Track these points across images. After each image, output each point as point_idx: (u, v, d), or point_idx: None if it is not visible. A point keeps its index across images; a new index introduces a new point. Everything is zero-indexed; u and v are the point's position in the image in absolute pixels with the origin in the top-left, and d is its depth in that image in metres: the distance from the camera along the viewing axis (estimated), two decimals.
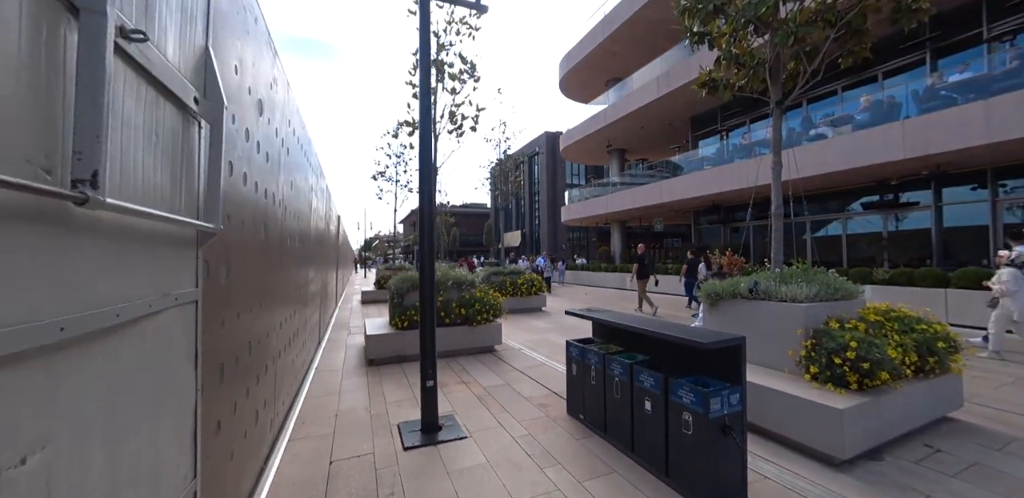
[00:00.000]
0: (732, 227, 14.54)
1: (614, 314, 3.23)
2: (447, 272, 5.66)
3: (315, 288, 5.41)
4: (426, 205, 3.04)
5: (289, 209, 3.38)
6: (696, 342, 2.10)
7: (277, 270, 2.82)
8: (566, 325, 7.77)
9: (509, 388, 4.03)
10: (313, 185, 4.88)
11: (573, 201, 23.57)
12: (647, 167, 19.14)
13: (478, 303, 5.47)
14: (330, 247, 8.42)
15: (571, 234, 34.32)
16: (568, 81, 22.27)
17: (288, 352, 3.42)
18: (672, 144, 17.80)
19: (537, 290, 10.01)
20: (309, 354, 4.88)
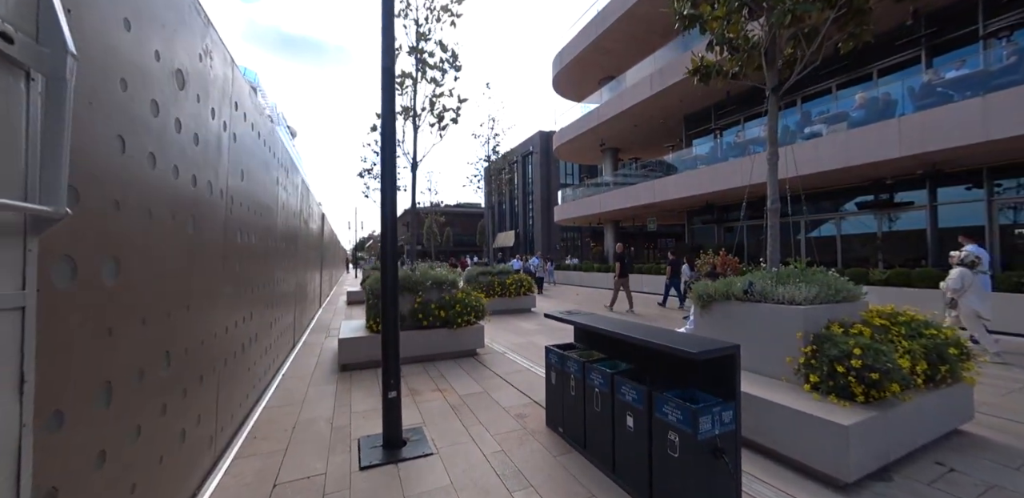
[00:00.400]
0: (726, 227, 14.37)
1: (595, 318, 2.96)
2: (426, 272, 5.36)
3: (286, 288, 5.09)
4: (388, 190, 2.75)
5: (243, 203, 3.07)
6: (683, 351, 1.83)
7: (218, 269, 2.52)
8: (554, 327, 7.50)
9: (487, 396, 3.74)
10: (280, 179, 4.56)
11: (566, 200, 23.34)
12: (640, 166, 18.96)
13: (459, 304, 5.17)
14: (310, 246, 8.09)
15: (565, 234, 34.11)
16: (561, 79, 22.03)
17: (242, 358, 3.11)
18: (666, 143, 17.62)
19: (526, 291, 9.73)
20: (277, 359, 4.57)
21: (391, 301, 2.75)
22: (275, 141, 4.23)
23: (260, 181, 3.59)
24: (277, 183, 4.40)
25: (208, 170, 2.30)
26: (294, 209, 5.57)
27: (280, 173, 4.55)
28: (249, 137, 3.18)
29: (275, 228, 4.29)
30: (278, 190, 4.44)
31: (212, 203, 2.38)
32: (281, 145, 4.58)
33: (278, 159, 4.45)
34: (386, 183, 2.75)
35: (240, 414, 3.09)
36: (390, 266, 2.75)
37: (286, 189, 4.92)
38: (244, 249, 3.11)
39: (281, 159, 4.59)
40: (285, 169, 4.90)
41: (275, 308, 4.39)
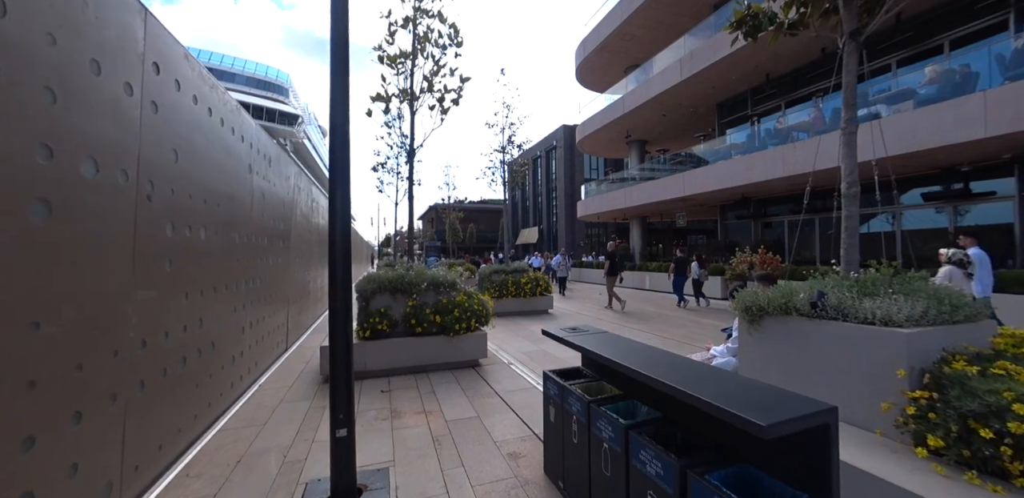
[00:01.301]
0: (764, 222, 13.14)
1: (607, 340, 2.26)
2: (422, 272, 4.78)
3: (271, 288, 4.63)
4: (339, 175, 2.14)
5: (179, 190, 2.55)
6: (740, 419, 1.12)
7: (125, 268, 1.99)
8: None
9: (479, 423, 3.11)
10: (258, 168, 4.08)
11: (590, 195, 22.39)
12: (668, 158, 17.80)
13: (458, 309, 4.56)
14: (314, 242, 7.70)
15: (590, 230, 33.05)
16: (585, 69, 21.04)
17: (183, 375, 2.60)
18: (697, 133, 16.40)
19: (543, 291, 9.05)
20: (255, 368, 4.11)
21: (341, 313, 2.15)
22: (244, 125, 3.72)
23: (217, 166, 3.08)
24: (251, 172, 3.91)
25: (88, 142, 1.76)
26: (283, 201, 5.11)
27: (257, 161, 4.06)
28: (189, 112, 2.66)
29: (248, 221, 3.81)
30: (253, 179, 3.95)
31: (101, 187, 1.84)
32: (256, 132, 4.09)
33: (253, 146, 3.96)
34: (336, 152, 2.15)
35: (181, 442, 2.60)
36: (340, 267, 2.15)
37: (268, 179, 4.45)
38: (184, 245, 2.60)
39: (260, 147, 4.10)
40: (267, 158, 4.42)
41: (250, 310, 3.92)
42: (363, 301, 4.50)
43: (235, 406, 3.50)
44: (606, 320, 8.16)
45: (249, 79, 50.84)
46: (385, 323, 4.33)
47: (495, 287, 8.69)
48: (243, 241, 3.73)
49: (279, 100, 50.81)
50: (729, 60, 11.14)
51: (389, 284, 4.51)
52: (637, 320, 8.07)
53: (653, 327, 7.27)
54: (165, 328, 2.41)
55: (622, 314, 8.96)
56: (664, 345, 5.76)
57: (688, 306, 10.03)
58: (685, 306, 9.94)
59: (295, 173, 5.87)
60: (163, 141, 2.35)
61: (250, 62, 52.73)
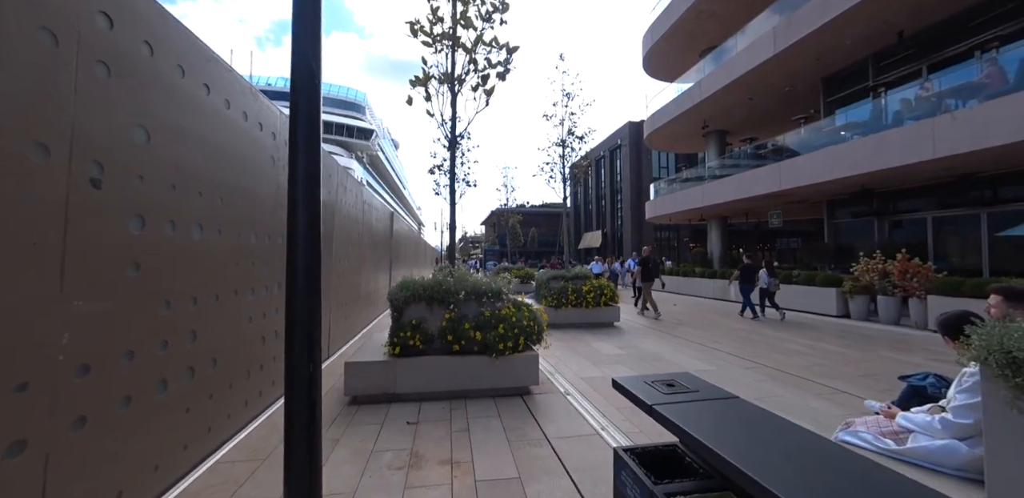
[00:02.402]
0: (892, 220, 10.64)
1: (737, 415, 1.30)
2: (462, 277, 4.07)
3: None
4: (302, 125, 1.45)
5: (168, 181, 2.09)
6: None
7: (33, 271, 1.49)
8: (644, 353, 5.66)
9: (519, 490, 2.27)
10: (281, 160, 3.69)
11: (660, 194, 20.53)
12: (755, 148, 15.54)
13: (503, 324, 3.78)
14: (364, 245, 7.47)
15: (659, 233, 30.65)
16: (654, 56, 19.40)
17: (162, 399, 2.13)
18: (795, 115, 14.05)
19: (608, 300, 7.95)
20: (281, 382, 3.69)
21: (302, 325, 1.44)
22: (264, 112, 3.32)
23: (223, 155, 2.64)
24: (275, 164, 3.50)
25: None
26: (323, 201, 4.75)
27: (285, 154, 3.66)
28: (171, 85, 2.20)
29: (271, 220, 3.39)
30: (278, 174, 3.54)
31: None
32: (283, 121, 3.70)
33: (277, 136, 3.56)
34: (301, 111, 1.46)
35: (154, 485, 2.10)
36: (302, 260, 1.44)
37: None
38: (164, 245, 2.13)
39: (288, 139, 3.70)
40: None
41: (275, 318, 3.50)
42: (395, 312, 3.90)
43: (250, 426, 3.04)
44: (682, 337, 6.85)
45: (333, 100, 56.00)
46: (418, 338, 3.68)
47: (553, 295, 7.79)
48: (264, 242, 3.31)
49: (356, 117, 55.17)
50: (845, 19, 9.14)
51: (424, 292, 3.87)
52: (713, 335, 6.65)
53: (733, 344, 5.86)
54: (127, 346, 1.92)
55: (698, 331, 7.55)
56: (753, 369, 4.44)
57: (753, 317, 9.10)
58: (753, 317, 9.06)
59: (338, 171, 5.56)
60: (120, 115, 1.88)
61: (334, 86, 58.11)
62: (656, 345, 6.21)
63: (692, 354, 5.60)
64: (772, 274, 9.08)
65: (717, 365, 4.98)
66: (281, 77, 56.51)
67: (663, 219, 21.14)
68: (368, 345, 4.19)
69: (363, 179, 55.47)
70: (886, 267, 7.88)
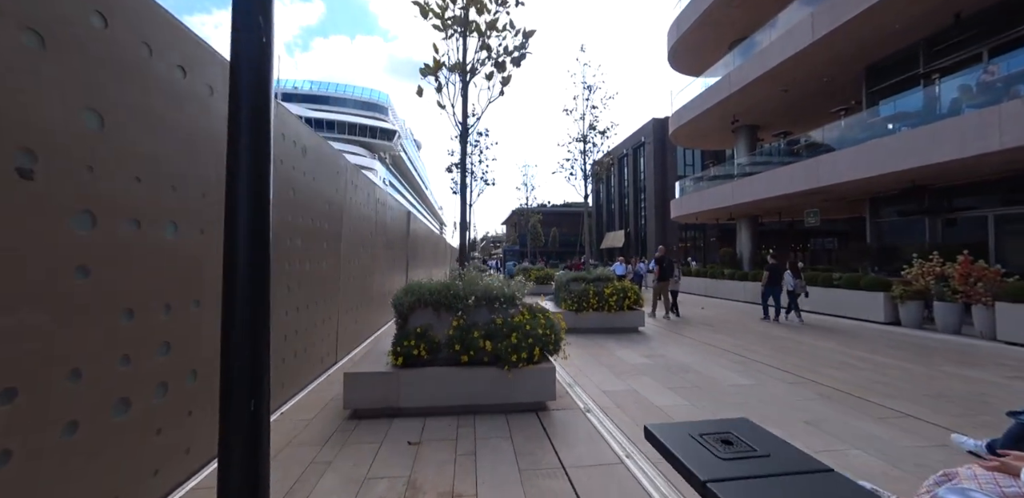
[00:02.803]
0: (946, 219, 9.69)
1: (811, 491, 0.89)
2: (472, 281, 3.74)
3: (304, 295, 4.02)
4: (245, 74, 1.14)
5: (130, 173, 1.84)
6: None
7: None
8: (672, 363, 5.19)
9: None
10: (289, 159, 3.45)
11: (686, 192, 19.72)
12: (789, 143, 14.63)
13: (516, 332, 3.42)
14: (378, 245, 7.26)
15: (684, 233, 29.61)
16: (680, 49, 18.65)
17: (122, 421, 1.88)
18: (834, 107, 13.11)
19: (632, 304, 7.47)
20: (280, 392, 3.45)
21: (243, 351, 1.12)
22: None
23: (199, 145, 2.39)
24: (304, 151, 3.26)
25: None
26: (328, 199, 4.52)
27: (283, 148, 3.42)
28: (126, 60, 1.95)
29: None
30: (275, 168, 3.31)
31: None
32: (282, 113, 3.46)
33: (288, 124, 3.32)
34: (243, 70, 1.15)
35: None
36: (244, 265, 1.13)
37: (303, 172, 3.82)
38: (123, 246, 1.88)
39: (288, 132, 3.46)
40: (300, 147, 3.81)
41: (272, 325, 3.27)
42: (400, 318, 3.60)
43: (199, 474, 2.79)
44: (714, 345, 6.31)
45: (356, 102, 57.18)
46: (423, 347, 3.37)
47: (573, 298, 7.38)
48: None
49: (379, 118, 56.08)
50: (896, 0, 8.35)
51: (431, 297, 3.56)
52: (748, 342, 6.08)
53: (772, 354, 5.29)
54: (71, 365, 1.67)
55: (731, 338, 6.97)
56: (799, 385, 3.90)
57: (776, 319, 8.87)
58: (764, 317, 8.96)
59: (347, 168, 5.33)
60: (60, 95, 1.62)
61: (357, 87, 59.31)
62: (685, 354, 5.72)
63: (726, 365, 5.09)
64: (797, 276, 8.73)
65: (756, 379, 4.47)
66: (306, 80, 58.01)
67: (689, 218, 20.31)
68: (372, 353, 3.91)
69: (385, 179, 56.33)
70: (944, 270, 7.09)
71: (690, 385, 4.23)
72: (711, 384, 4.26)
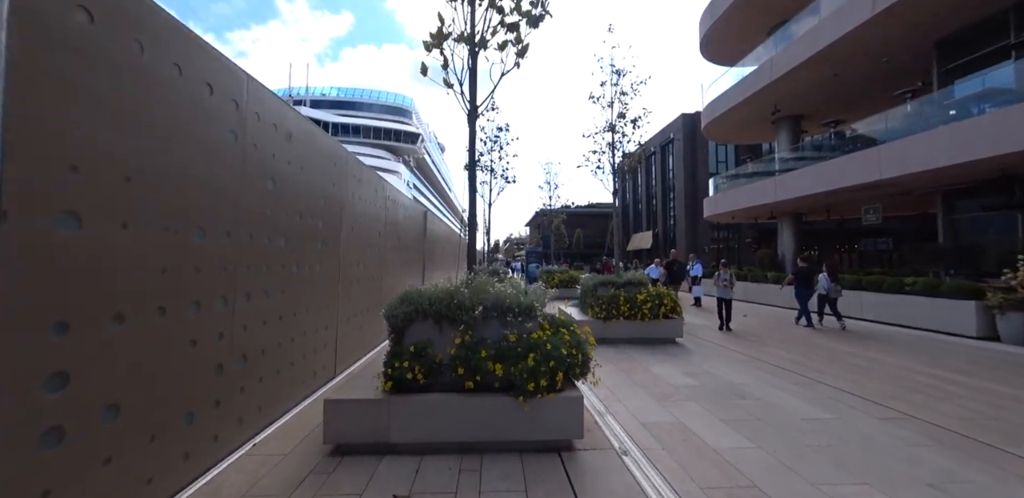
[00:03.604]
0: None
1: None
2: (481, 288, 3.09)
3: (290, 302, 3.50)
4: None
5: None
6: None
7: None
8: (722, 385, 4.36)
9: None
10: (270, 145, 2.92)
11: (720, 190, 18.45)
12: (840, 133, 13.28)
13: (535, 353, 2.74)
14: (387, 248, 6.77)
15: (717, 233, 28.00)
16: (713, 37, 17.50)
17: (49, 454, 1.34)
18: (895, 90, 11.74)
19: (668, 312, 6.63)
20: (257, 416, 2.91)
21: None
22: (220, 75, 2.54)
23: (139, 117, 1.86)
24: (238, 140, 2.73)
25: None
26: (323, 194, 3.99)
27: (259, 132, 2.90)
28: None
29: (236, 213, 2.62)
30: (247, 155, 2.77)
31: None
32: (257, 93, 2.94)
33: (244, 107, 2.79)
34: None
35: None
36: None
37: (287, 161, 3.30)
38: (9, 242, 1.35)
39: (268, 115, 2.92)
40: (284, 133, 3.28)
41: (243, 336, 2.74)
42: (393, 332, 3.00)
43: (194, 486, 2.26)
44: (767, 361, 5.41)
45: (381, 107, 58.27)
46: (418, 369, 2.75)
47: (601, 305, 6.61)
48: (221, 241, 2.54)
49: (404, 122, 56.84)
50: None
51: (430, 307, 2.94)
52: (808, 359, 5.13)
53: (841, 374, 4.36)
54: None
55: (786, 353, 6.02)
56: (894, 422, 3.01)
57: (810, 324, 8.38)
58: (808, 325, 8.36)
59: (348, 161, 4.81)
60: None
61: (382, 92, 60.47)
62: (735, 372, 4.86)
63: (789, 388, 4.22)
64: (834, 279, 8.23)
65: (834, 410, 3.60)
66: (334, 87, 59.49)
67: (724, 217, 19.01)
68: (372, 367, 3.32)
69: (410, 182, 56.85)
70: None
71: (750, 417, 3.42)
72: (778, 416, 3.44)
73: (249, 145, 2.85)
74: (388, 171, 51.99)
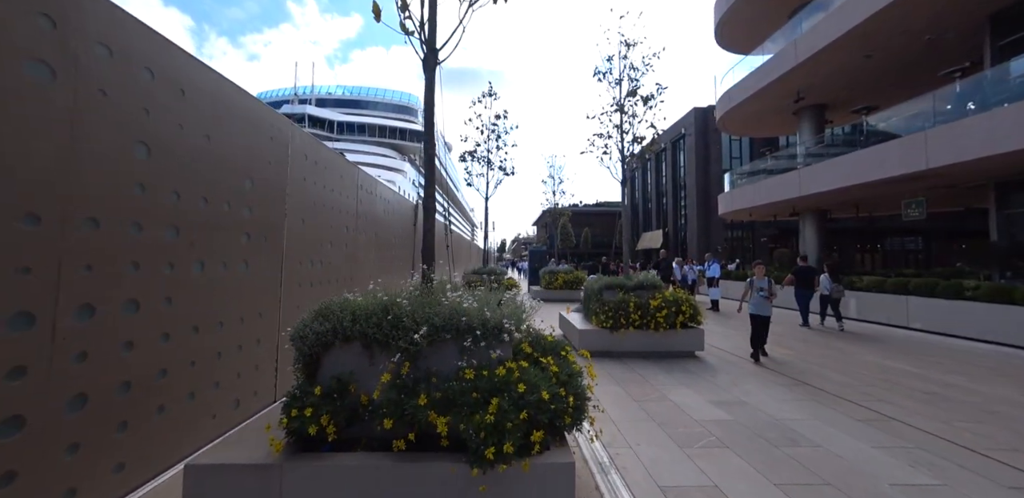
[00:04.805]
0: None
1: None
2: (429, 300, 2.16)
3: (197, 311, 2.63)
4: None
5: None
6: None
7: None
8: (763, 422, 3.36)
9: None
10: (164, 100, 2.06)
11: (737, 185, 17.30)
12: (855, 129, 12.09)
13: (502, 397, 1.81)
14: (360, 244, 5.90)
15: (730, 233, 26.75)
16: (729, 22, 16.39)
17: None
18: (937, 71, 10.56)
19: (687, 320, 5.65)
20: (133, 470, 2.04)
21: None
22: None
23: None
24: (106, 94, 1.86)
25: None
26: (267, 181, 3.12)
27: (142, 82, 2.03)
28: None
29: (99, 193, 1.75)
30: (112, 106, 1.90)
31: None
32: (131, 27, 2.06)
33: (115, 53, 1.92)
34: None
35: None
36: None
37: (178, 124, 2.42)
38: None
39: (153, 66, 2.05)
40: (192, 90, 2.41)
41: (101, 358, 1.87)
42: (303, 362, 2.09)
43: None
44: (814, 385, 4.40)
45: (387, 105, 57.94)
46: (326, 419, 1.83)
47: (607, 312, 5.65)
48: (20, 227, 1.67)
49: (410, 120, 56.32)
50: None
51: (355, 327, 2.03)
52: (866, 384, 4.12)
53: (922, 409, 3.35)
54: None
55: (835, 373, 5.01)
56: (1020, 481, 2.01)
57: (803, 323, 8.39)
58: (804, 325, 8.36)
59: (294, 135, 3.93)
60: None
61: (388, 90, 60.10)
62: (775, 399, 3.88)
63: (854, 428, 3.22)
64: (836, 279, 8.19)
65: (931, 467, 2.60)
66: (340, 86, 59.24)
67: (741, 215, 17.85)
68: (251, 427, 2.39)
69: (415, 181, 56.26)
70: None
71: (815, 479, 2.44)
72: (853, 479, 2.46)
73: (91, 91, 1.96)
74: (394, 169, 51.48)
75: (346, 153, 41.94)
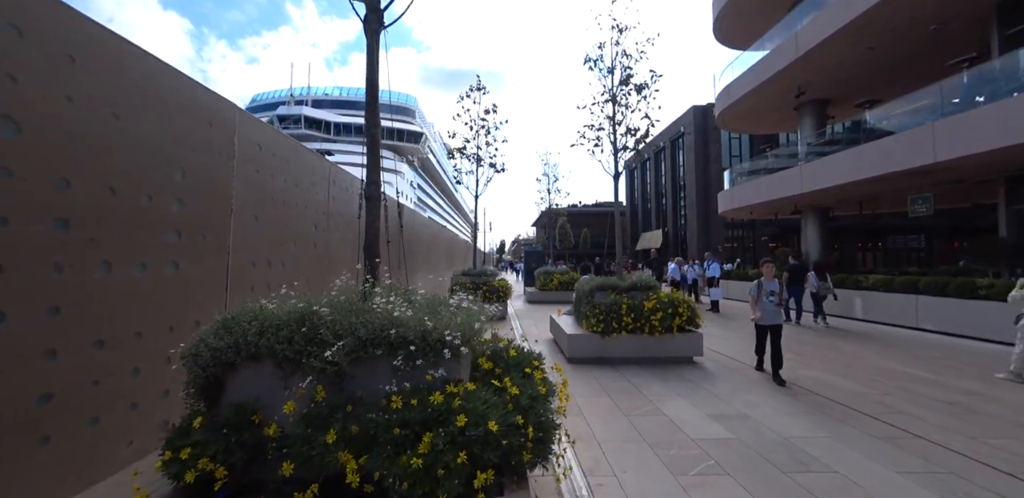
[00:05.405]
0: None
1: None
2: (355, 307, 1.75)
3: (98, 322, 2.23)
4: None
5: None
6: None
7: None
8: (769, 440, 2.94)
9: None
10: (50, 68, 1.67)
11: (737, 183, 16.91)
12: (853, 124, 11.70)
13: (436, 434, 1.41)
14: (331, 244, 5.50)
15: (731, 232, 26.34)
16: (728, 15, 16.04)
17: None
18: (943, 61, 10.17)
19: (684, 323, 5.24)
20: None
21: None
22: None
23: None
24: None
25: None
26: (211, 177, 2.72)
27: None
28: None
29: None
30: None
31: None
32: None
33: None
34: None
35: None
36: None
37: (78, 101, 2.03)
38: None
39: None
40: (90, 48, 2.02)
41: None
42: (201, 382, 1.69)
43: None
44: (825, 395, 3.99)
45: (383, 106, 57.45)
46: (205, 462, 1.43)
47: (599, 315, 5.24)
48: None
49: (406, 121, 55.94)
50: None
51: (259, 340, 1.62)
52: (886, 394, 3.71)
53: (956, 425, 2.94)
54: None
55: (845, 381, 4.60)
56: None
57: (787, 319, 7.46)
58: (786, 320, 8.03)
59: (236, 121, 3.52)
60: None
61: (384, 91, 59.63)
62: (782, 413, 3.47)
63: (875, 449, 2.82)
64: (822, 277, 8.21)
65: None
66: (336, 87, 58.95)
67: (742, 213, 17.44)
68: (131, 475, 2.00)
69: (413, 182, 55.88)
70: None
71: (817, 493, 2.04)
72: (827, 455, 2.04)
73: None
74: (391, 171, 51.07)
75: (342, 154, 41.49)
